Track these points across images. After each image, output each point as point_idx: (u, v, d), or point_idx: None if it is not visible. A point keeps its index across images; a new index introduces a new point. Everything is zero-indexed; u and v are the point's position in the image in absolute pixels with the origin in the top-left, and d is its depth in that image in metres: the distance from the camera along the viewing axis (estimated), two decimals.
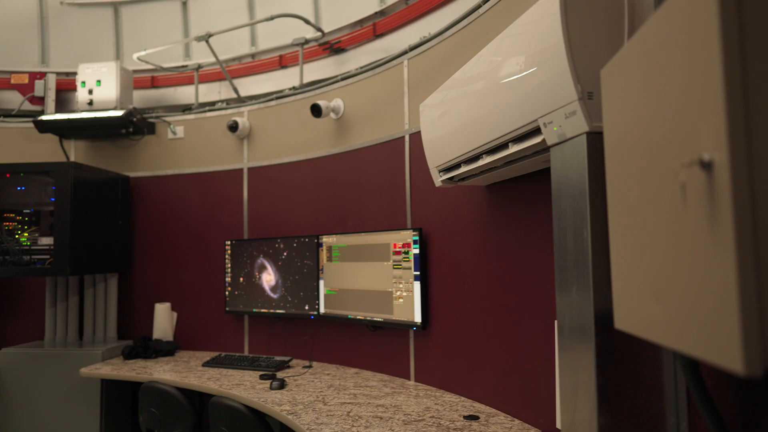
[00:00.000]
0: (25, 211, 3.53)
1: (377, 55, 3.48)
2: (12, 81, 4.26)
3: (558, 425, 1.74)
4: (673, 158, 0.73)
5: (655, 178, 0.80)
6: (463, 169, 1.91)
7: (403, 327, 2.74)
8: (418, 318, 2.64)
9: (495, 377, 2.20)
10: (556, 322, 1.79)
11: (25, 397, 3.43)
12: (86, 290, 3.82)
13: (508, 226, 2.13)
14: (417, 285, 2.66)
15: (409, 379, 2.77)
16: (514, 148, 1.55)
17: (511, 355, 2.10)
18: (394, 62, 2.94)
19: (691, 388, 0.94)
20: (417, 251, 2.66)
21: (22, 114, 4.19)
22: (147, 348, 3.60)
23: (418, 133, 2.68)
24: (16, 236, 3.49)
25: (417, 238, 2.67)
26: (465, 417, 2.09)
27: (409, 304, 2.69)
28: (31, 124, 3.98)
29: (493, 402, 2.22)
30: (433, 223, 2.65)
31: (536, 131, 1.42)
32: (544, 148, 1.45)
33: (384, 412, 2.22)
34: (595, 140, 1.19)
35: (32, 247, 3.49)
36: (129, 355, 3.54)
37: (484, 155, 1.75)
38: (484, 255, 2.29)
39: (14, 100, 4.27)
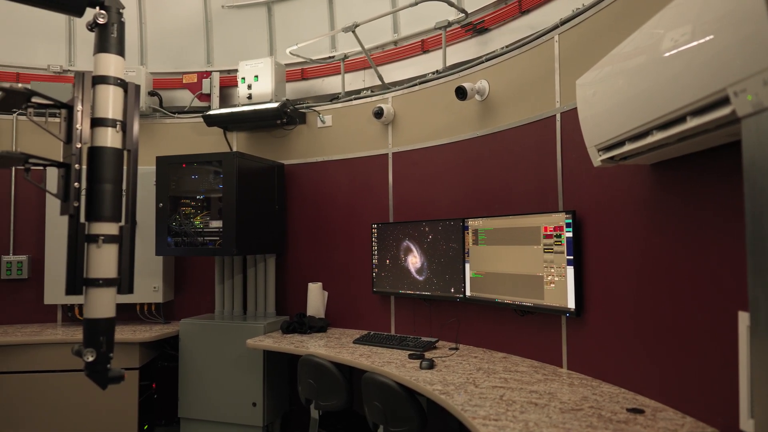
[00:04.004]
0: (197, 197, 3.95)
1: (522, 32, 3.36)
2: (183, 81, 4.76)
3: (743, 426, 1.58)
4: None
5: None
6: (628, 147, 1.78)
7: (555, 313, 2.65)
8: (571, 304, 2.54)
9: (661, 369, 2.05)
10: (740, 312, 1.63)
11: (201, 361, 3.87)
12: (249, 269, 4.19)
13: (677, 207, 1.97)
14: (570, 270, 2.55)
15: (561, 366, 2.68)
16: (693, 122, 1.41)
17: (680, 346, 1.94)
18: (544, 38, 2.82)
19: None
20: (570, 234, 2.55)
21: (192, 110, 4.68)
22: (302, 324, 3.86)
23: (571, 110, 2.56)
24: (192, 220, 3.92)
25: (570, 221, 2.55)
26: (629, 410, 1.97)
27: (561, 289, 2.59)
28: (200, 119, 4.43)
29: (659, 396, 2.07)
30: (588, 205, 2.52)
31: (722, 102, 1.28)
32: (731, 121, 1.31)
33: (538, 398, 2.17)
34: None
35: (204, 230, 3.90)
36: (287, 329, 3.84)
37: (654, 131, 1.61)
38: (647, 238, 2.13)
39: (185, 98, 4.77)
